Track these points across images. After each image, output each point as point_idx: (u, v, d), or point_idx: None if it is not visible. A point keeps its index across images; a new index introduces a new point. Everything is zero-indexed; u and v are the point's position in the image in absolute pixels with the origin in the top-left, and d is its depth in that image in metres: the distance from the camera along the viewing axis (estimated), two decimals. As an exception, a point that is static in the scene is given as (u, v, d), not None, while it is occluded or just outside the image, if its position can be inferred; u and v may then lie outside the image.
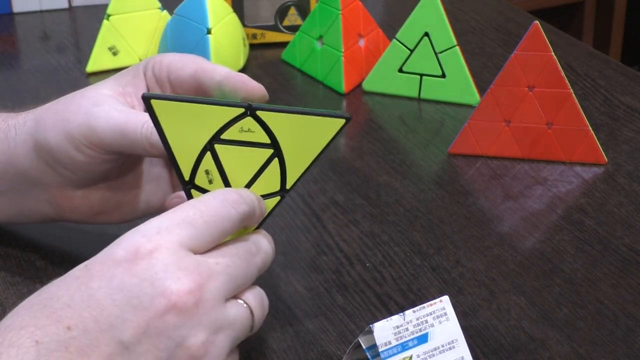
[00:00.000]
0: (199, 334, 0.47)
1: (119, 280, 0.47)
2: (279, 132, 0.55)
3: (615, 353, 0.59)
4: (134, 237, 0.48)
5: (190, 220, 0.49)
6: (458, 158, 0.81)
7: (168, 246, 0.48)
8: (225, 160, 0.56)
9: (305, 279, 0.65)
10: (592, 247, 0.69)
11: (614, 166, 0.79)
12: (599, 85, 0.93)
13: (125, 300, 0.46)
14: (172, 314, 0.47)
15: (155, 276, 0.47)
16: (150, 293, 0.47)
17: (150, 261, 0.47)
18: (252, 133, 0.55)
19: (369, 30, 0.94)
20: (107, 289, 0.46)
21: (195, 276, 0.48)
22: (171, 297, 0.47)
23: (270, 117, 0.55)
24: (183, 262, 0.48)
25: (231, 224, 0.51)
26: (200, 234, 0.49)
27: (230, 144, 0.55)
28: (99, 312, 0.46)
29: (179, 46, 0.92)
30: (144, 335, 0.46)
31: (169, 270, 0.47)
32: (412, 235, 0.70)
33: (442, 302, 0.53)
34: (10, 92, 0.94)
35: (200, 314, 0.48)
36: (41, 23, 1.10)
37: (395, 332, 0.51)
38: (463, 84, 0.88)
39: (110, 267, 0.47)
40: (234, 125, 0.54)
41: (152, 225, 0.49)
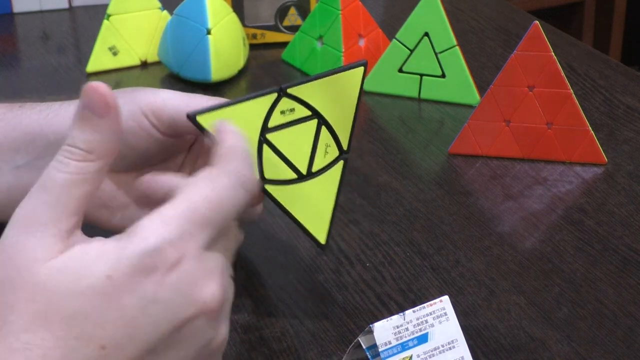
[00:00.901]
0: (222, 330, 0.49)
1: (152, 294, 0.46)
2: (314, 101, 0.57)
3: (615, 353, 0.59)
4: (158, 243, 0.46)
5: (209, 221, 0.48)
6: (458, 158, 0.81)
7: (194, 252, 0.47)
8: (282, 145, 0.57)
9: (305, 279, 0.65)
10: (592, 247, 0.69)
11: (614, 166, 0.79)
12: (599, 85, 0.93)
13: (159, 314, 0.46)
14: (202, 319, 0.47)
15: (187, 287, 0.47)
16: (183, 303, 0.46)
17: (179, 274, 0.46)
18: (293, 112, 0.57)
19: (369, 30, 0.94)
20: (141, 305, 0.45)
21: (219, 278, 0.48)
22: (199, 304, 0.47)
23: (301, 90, 0.57)
24: (208, 267, 0.48)
25: (243, 205, 0.50)
26: (219, 229, 0.49)
27: (279, 129, 0.57)
28: (134, 330, 0.45)
29: (179, 46, 0.93)
30: (175, 341, 0.47)
31: (198, 279, 0.47)
32: (412, 235, 0.70)
33: (442, 302, 0.53)
34: (10, 92, 0.94)
35: (224, 312, 0.49)
36: (41, 23, 1.10)
37: (395, 332, 0.51)
38: (463, 84, 0.88)
39: (138, 280, 0.46)
40: (274, 111, 0.56)
41: (173, 229, 0.47)
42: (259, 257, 0.67)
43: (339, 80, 0.58)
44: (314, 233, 0.59)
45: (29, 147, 0.63)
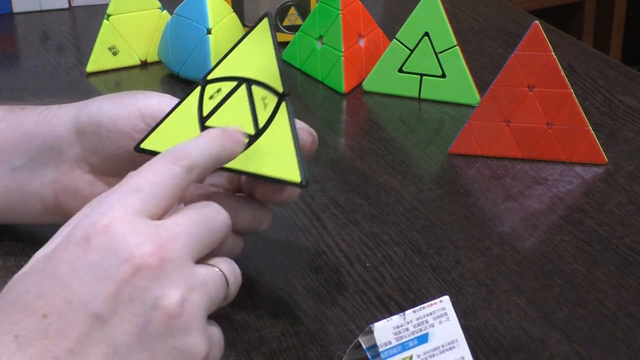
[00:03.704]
0: (171, 292, 0.47)
1: (83, 260, 0.47)
2: (235, 71, 0.59)
3: (615, 353, 0.59)
4: (87, 217, 0.49)
5: (137, 187, 0.50)
6: (458, 158, 0.81)
7: (122, 217, 0.48)
8: (223, 123, 0.58)
9: (305, 279, 0.65)
10: (592, 247, 0.69)
11: (614, 166, 0.79)
12: (599, 85, 0.93)
13: (93, 276, 0.47)
14: (140, 277, 0.47)
15: (116, 246, 0.47)
16: (115, 262, 0.47)
17: (107, 234, 0.48)
18: (220, 91, 0.59)
19: (369, 30, 0.94)
20: (74, 270, 0.47)
21: (155, 238, 0.48)
22: (135, 261, 0.47)
23: (218, 71, 0.60)
24: (140, 228, 0.48)
25: (178, 179, 0.51)
26: (150, 196, 0.50)
27: (214, 112, 0.59)
28: (70, 294, 0.46)
29: (179, 46, 0.93)
30: (118, 304, 0.47)
31: (127, 238, 0.48)
32: (412, 235, 0.70)
33: (442, 302, 0.53)
34: (10, 92, 0.94)
35: (168, 273, 0.48)
36: (41, 23, 1.10)
37: (396, 332, 0.51)
38: (463, 84, 0.88)
39: (72, 250, 0.48)
40: (203, 100, 0.59)
41: (102, 202, 0.50)
42: (259, 257, 0.67)
43: (248, 42, 0.60)
44: (288, 177, 0.57)
45: (26, 149, 0.64)
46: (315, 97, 0.93)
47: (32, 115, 0.64)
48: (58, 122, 0.63)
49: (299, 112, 0.89)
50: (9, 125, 0.64)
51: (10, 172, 0.64)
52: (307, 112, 0.90)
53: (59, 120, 0.63)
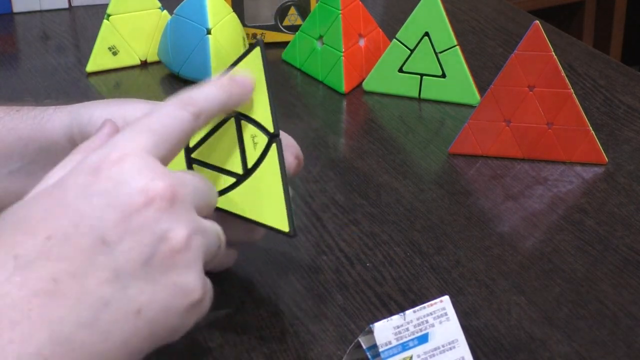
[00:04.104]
0: (179, 228, 0.48)
1: (95, 187, 0.47)
2: None
3: (616, 353, 0.59)
4: (99, 150, 0.49)
5: (149, 128, 0.51)
6: (458, 158, 0.81)
7: (136, 152, 0.49)
8: (210, 157, 0.58)
9: (305, 279, 0.65)
10: (592, 247, 0.69)
11: (614, 166, 0.79)
12: (599, 85, 0.93)
13: (103, 203, 0.47)
14: (152, 209, 0.47)
15: (130, 177, 0.48)
16: (128, 192, 0.47)
17: (122, 166, 0.48)
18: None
19: (369, 30, 0.94)
20: (84, 196, 0.47)
21: (168, 178, 0.49)
22: (149, 193, 0.47)
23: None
24: (154, 166, 0.49)
25: (186, 124, 0.52)
26: (161, 138, 0.50)
27: (201, 144, 0.58)
28: (79, 218, 0.46)
29: (179, 46, 0.93)
30: (126, 232, 0.47)
31: (142, 172, 0.48)
32: (412, 235, 0.70)
33: (443, 302, 0.53)
34: (10, 92, 0.94)
35: (177, 211, 0.48)
36: (41, 23, 1.10)
37: (396, 332, 0.51)
38: (463, 83, 0.88)
39: (83, 178, 0.48)
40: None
41: (116, 138, 0.50)
42: (259, 257, 0.67)
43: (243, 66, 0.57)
44: (276, 226, 0.57)
45: (22, 152, 0.64)
46: (315, 97, 0.93)
47: (28, 119, 0.64)
48: (52, 128, 0.63)
49: (299, 112, 0.90)
50: (5, 127, 0.64)
51: (8, 176, 0.64)
52: (307, 112, 0.90)
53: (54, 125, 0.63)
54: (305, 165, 0.78)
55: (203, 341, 0.59)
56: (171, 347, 0.59)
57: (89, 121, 0.61)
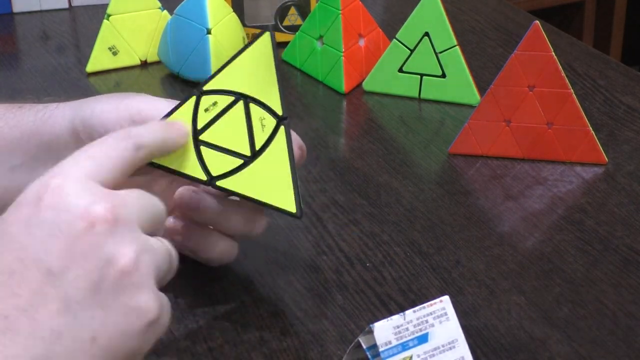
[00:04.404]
0: (124, 250, 0.48)
1: (35, 218, 0.47)
2: (233, 85, 0.58)
3: (616, 353, 0.59)
4: (40, 180, 0.49)
5: (90, 155, 0.51)
6: (458, 158, 0.81)
7: (74, 178, 0.49)
8: (218, 139, 0.58)
9: (305, 279, 0.65)
10: (592, 247, 0.69)
11: (614, 166, 0.79)
12: (599, 85, 0.93)
13: (45, 233, 0.47)
14: (94, 233, 0.47)
15: (69, 204, 0.47)
16: (69, 219, 0.47)
17: (61, 193, 0.48)
18: (216, 105, 0.58)
19: (369, 30, 0.94)
20: (26, 228, 0.47)
21: (109, 199, 0.48)
22: (90, 217, 0.47)
23: (216, 82, 0.58)
24: (94, 189, 0.49)
25: (128, 154, 0.52)
26: (102, 164, 0.50)
27: (209, 126, 0.58)
28: (23, 252, 0.46)
29: (179, 46, 0.92)
30: (71, 260, 0.46)
31: (81, 196, 0.48)
32: (412, 235, 0.70)
33: (443, 302, 0.53)
34: (10, 92, 0.94)
35: (121, 232, 0.48)
36: (41, 23, 1.10)
37: (396, 332, 0.51)
38: (463, 84, 0.88)
39: (24, 210, 0.48)
40: (198, 112, 0.58)
41: (56, 167, 0.50)
42: (259, 257, 0.67)
43: (249, 56, 0.58)
44: (283, 206, 0.58)
45: (24, 148, 0.64)
46: (315, 97, 0.93)
47: (30, 115, 0.64)
48: (55, 122, 0.63)
49: (299, 112, 0.90)
50: (7, 124, 0.64)
51: (9, 172, 0.64)
52: (307, 112, 0.90)
53: (56, 120, 0.63)
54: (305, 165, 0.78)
55: (203, 341, 0.59)
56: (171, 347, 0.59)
57: (91, 114, 0.62)
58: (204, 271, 0.65)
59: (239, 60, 0.58)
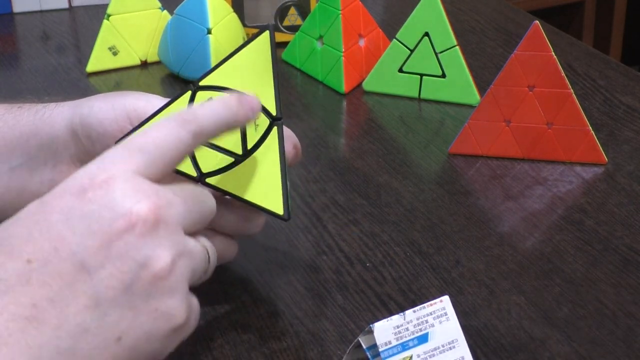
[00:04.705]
0: (161, 254, 0.47)
1: (78, 210, 0.47)
2: (229, 82, 0.57)
3: (616, 353, 0.59)
4: (87, 170, 0.48)
5: (142, 147, 0.50)
6: (458, 158, 0.81)
7: (123, 174, 0.48)
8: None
9: (305, 279, 0.65)
10: (592, 247, 0.69)
11: (614, 166, 0.79)
12: (599, 85, 0.93)
13: (85, 228, 0.46)
14: (133, 235, 0.47)
15: (114, 201, 0.47)
16: (110, 217, 0.47)
17: (107, 188, 0.47)
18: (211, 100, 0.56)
19: (369, 30, 0.94)
20: (67, 219, 0.46)
21: (154, 199, 0.48)
22: (131, 217, 0.47)
23: (212, 78, 0.57)
24: (140, 186, 0.48)
25: (184, 145, 0.51)
26: (154, 159, 0.50)
27: None
28: (60, 242, 0.46)
29: (179, 46, 0.93)
30: (106, 259, 0.46)
31: (127, 194, 0.47)
32: (412, 235, 0.70)
33: (442, 302, 0.53)
34: (10, 92, 0.94)
35: (161, 235, 0.48)
36: (41, 23, 1.10)
37: (396, 332, 0.51)
38: (463, 84, 0.88)
39: (67, 199, 0.47)
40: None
41: (105, 157, 0.49)
42: (259, 257, 0.67)
43: (247, 54, 0.57)
44: (270, 208, 0.57)
45: (24, 148, 0.64)
46: (315, 97, 0.93)
47: (30, 115, 0.64)
48: (54, 122, 0.63)
49: (299, 112, 0.90)
50: (6, 124, 0.64)
51: (9, 172, 0.64)
52: (307, 112, 0.90)
53: (55, 119, 0.63)
54: (305, 165, 0.78)
55: (203, 341, 0.59)
56: (171, 347, 0.59)
57: (89, 113, 0.61)
58: (204, 271, 0.65)
59: (236, 58, 0.57)
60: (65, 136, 0.63)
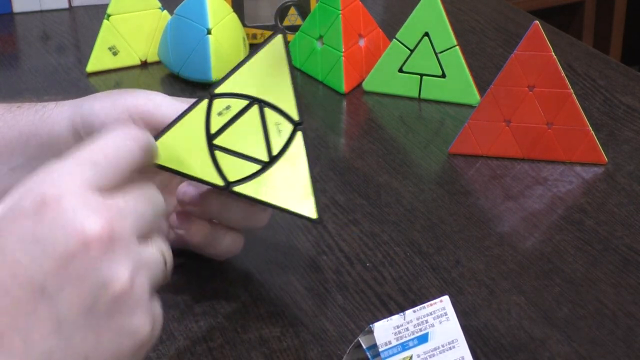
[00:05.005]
0: (119, 271, 0.47)
1: (31, 233, 0.46)
2: (246, 88, 0.56)
3: (615, 353, 0.59)
4: (38, 186, 0.47)
5: (92, 159, 0.49)
6: (458, 158, 0.81)
7: (74, 189, 0.47)
8: (233, 144, 0.57)
9: (305, 279, 0.65)
10: (592, 247, 0.69)
11: (614, 166, 0.79)
12: (599, 85, 0.93)
13: (40, 251, 0.46)
14: (89, 254, 0.46)
15: (66, 221, 0.46)
16: (63, 237, 0.46)
17: (58, 208, 0.46)
18: (229, 109, 0.56)
19: (369, 30, 0.94)
20: (21, 244, 0.46)
21: (105, 214, 0.47)
22: (84, 236, 0.46)
23: (228, 85, 0.56)
24: (91, 203, 0.47)
25: (133, 157, 0.51)
26: (104, 170, 0.49)
27: (223, 130, 0.56)
28: (17, 268, 0.45)
29: (179, 46, 0.93)
30: (65, 281, 0.45)
31: (77, 213, 0.46)
32: (412, 235, 0.70)
33: (442, 302, 0.53)
34: (10, 92, 0.94)
35: (117, 251, 0.47)
36: (41, 23, 1.10)
37: (396, 332, 0.51)
38: (463, 84, 0.88)
39: (19, 222, 0.46)
40: (211, 116, 0.56)
41: (55, 169, 0.48)
42: (259, 257, 0.67)
43: (261, 58, 0.57)
44: (303, 212, 0.58)
45: (24, 148, 0.63)
46: (315, 97, 0.93)
47: (29, 114, 0.64)
48: (55, 122, 0.63)
49: (299, 112, 0.90)
50: (6, 124, 0.64)
51: (10, 173, 0.64)
52: (307, 112, 0.90)
53: (56, 119, 0.63)
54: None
55: (203, 341, 0.59)
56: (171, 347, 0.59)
57: (90, 112, 0.61)
58: (204, 271, 0.65)
59: (251, 63, 0.57)
60: (67, 136, 0.62)
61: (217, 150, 0.56)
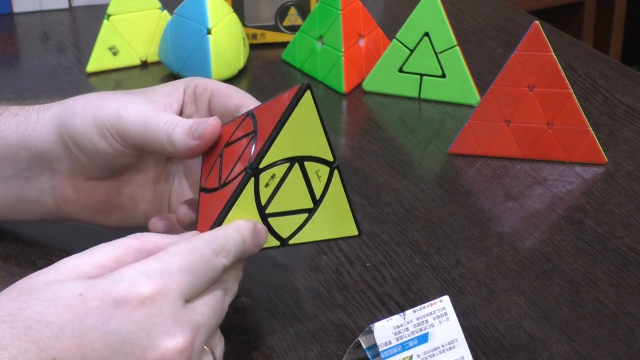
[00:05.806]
0: None
1: (116, 324, 0.46)
2: (285, 153, 0.56)
3: (615, 353, 0.59)
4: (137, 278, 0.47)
5: (190, 268, 0.49)
6: (458, 158, 0.81)
7: (169, 294, 0.47)
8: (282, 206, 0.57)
9: (305, 279, 0.65)
10: (592, 247, 0.69)
11: (614, 166, 0.79)
12: (599, 85, 0.93)
13: (118, 346, 0.45)
14: None
15: (153, 328, 0.46)
16: (145, 344, 0.46)
17: (150, 310, 0.46)
18: (274, 177, 0.56)
19: (369, 30, 0.94)
20: (102, 330, 0.45)
21: (188, 333, 0.47)
22: (165, 353, 0.46)
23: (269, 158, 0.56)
24: (179, 316, 0.48)
25: (217, 274, 0.51)
26: (197, 282, 0.49)
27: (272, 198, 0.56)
28: (89, 352, 0.45)
29: (179, 46, 0.93)
30: None
31: (165, 323, 0.47)
32: (412, 235, 0.70)
33: (442, 302, 0.53)
34: (10, 92, 0.94)
35: None
36: (41, 23, 1.10)
37: (396, 332, 0.51)
38: (463, 84, 0.88)
39: (108, 307, 0.46)
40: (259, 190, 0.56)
41: (155, 266, 0.48)
42: (259, 258, 0.67)
43: (294, 121, 0.56)
44: (348, 234, 0.60)
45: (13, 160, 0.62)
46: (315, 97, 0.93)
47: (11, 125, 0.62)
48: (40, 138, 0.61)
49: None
50: None
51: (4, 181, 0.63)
52: (307, 112, 0.90)
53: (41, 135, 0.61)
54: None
55: (203, 341, 0.59)
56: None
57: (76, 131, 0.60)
58: (204, 271, 0.65)
59: (286, 128, 0.56)
60: (58, 150, 0.61)
61: (270, 217, 0.57)
